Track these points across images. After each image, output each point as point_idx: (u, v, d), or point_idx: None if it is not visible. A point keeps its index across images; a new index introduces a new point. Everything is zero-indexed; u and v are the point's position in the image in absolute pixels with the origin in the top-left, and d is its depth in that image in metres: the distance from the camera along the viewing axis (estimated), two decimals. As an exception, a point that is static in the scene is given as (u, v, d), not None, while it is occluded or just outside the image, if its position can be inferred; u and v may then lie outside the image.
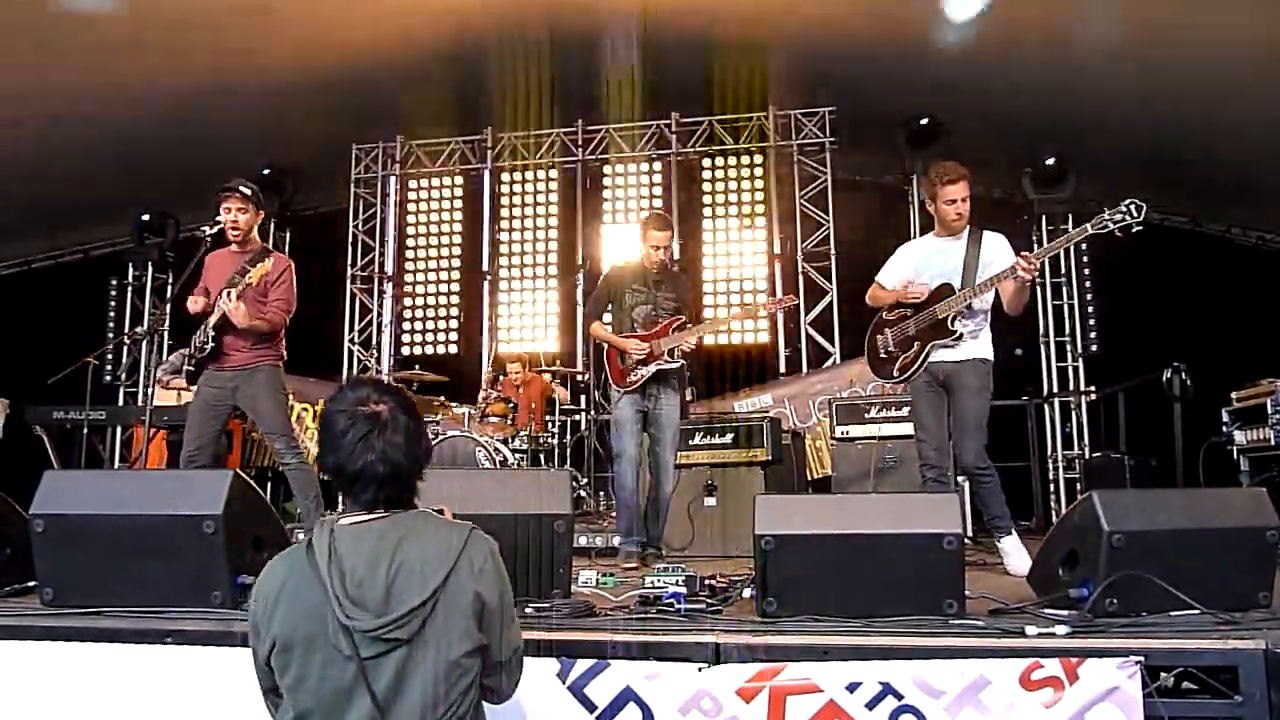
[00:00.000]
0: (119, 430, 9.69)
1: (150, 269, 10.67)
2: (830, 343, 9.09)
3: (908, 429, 6.38)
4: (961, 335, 4.43)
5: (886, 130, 9.15)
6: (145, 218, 10.51)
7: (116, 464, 9.42)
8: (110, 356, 10.26)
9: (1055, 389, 9.24)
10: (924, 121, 8.92)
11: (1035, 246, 9.01)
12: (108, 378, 10.18)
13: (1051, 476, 9.02)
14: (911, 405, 4.76)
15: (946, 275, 4.51)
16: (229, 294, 4.55)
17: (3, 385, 9.38)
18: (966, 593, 3.08)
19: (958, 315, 4.44)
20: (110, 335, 10.44)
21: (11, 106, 8.17)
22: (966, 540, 4.71)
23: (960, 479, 6.11)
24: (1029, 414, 8.54)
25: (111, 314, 10.70)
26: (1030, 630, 2.76)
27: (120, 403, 10.17)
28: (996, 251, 4.48)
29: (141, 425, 7.73)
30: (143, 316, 10.59)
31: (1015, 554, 4.36)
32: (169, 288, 10.49)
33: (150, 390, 10.12)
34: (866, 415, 6.59)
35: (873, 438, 6.54)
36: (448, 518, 2.15)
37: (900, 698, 2.57)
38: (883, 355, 4.75)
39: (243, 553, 3.26)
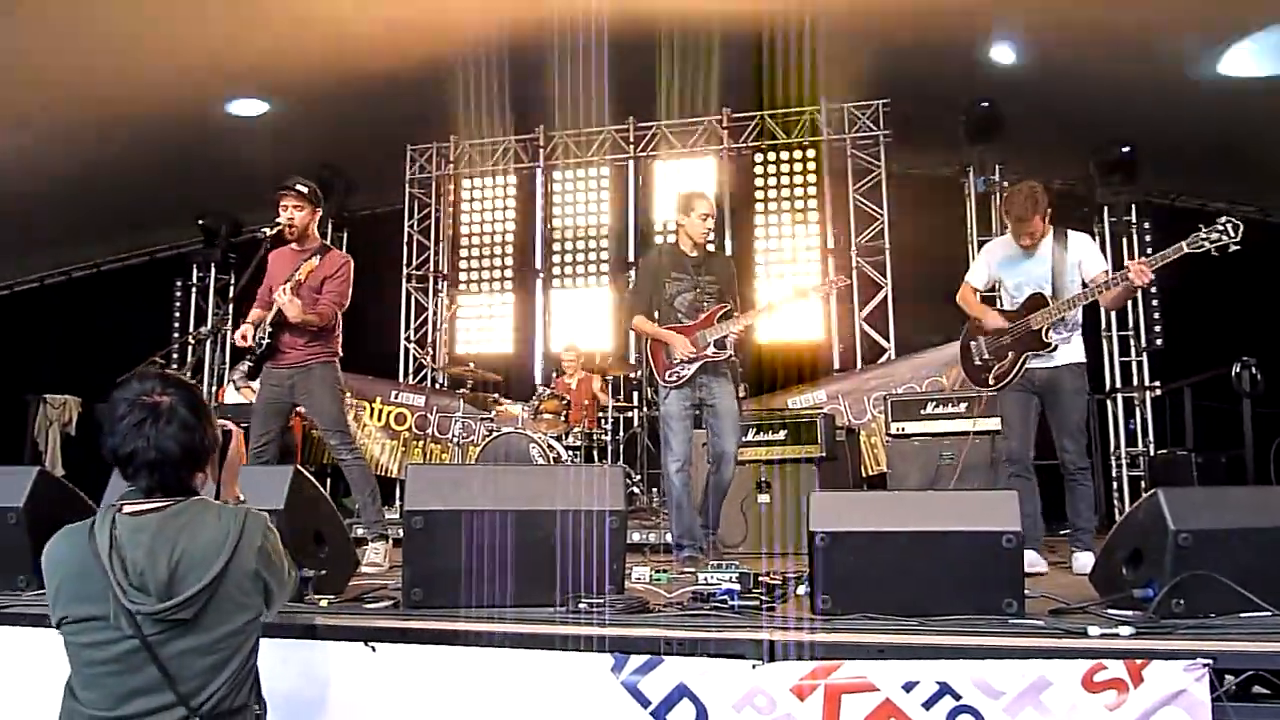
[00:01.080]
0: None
1: (213, 270, 10.93)
2: (885, 338, 8.97)
3: (965, 425, 6.30)
4: (1056, 346, 4.47)
5: (943, 122, 9.01)
6: (208, 220, 10.77)
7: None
8: (176, 355, 10.54)
9: (1118, 384, 9.03)
10: (982, 112, 8.75)
11: (1097, 238, 8.86)
12: (173, 376, 10.45)
13: (1115, 474, 8.83)
14: (999, 401, 4.76)
15: (1035, 282, 4.55)
16: (284, 289, 4.62)
17: (75, 384, 9.71)
18: (1026, 592, 3.03)
19: (1051, 326, 4.46)
20: (176, 335, 10.72)
21: (79, 113, 8.43)
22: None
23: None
24: (1091, 410, 8.34)
25: (177, 314, 10.98)
26: (1093, 631, 2.70)
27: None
28: (1084, 253, 4.52)
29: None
30: (207, 316, 10.85)
31: (1085, 561, 4.29)
32: (231, 288, 10.72)
33: (214, 388, 10.40)
34: (922, 411, 6.50)
35: (929, 434, 6.45)
36: (228, 501, 2.29)
37: (958, 698, 2.53)
38: (977, 363, 4.76)
39: (304, 547, 3.34)
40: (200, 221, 10.75)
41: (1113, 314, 9.03)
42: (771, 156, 9.52)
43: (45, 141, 8.73)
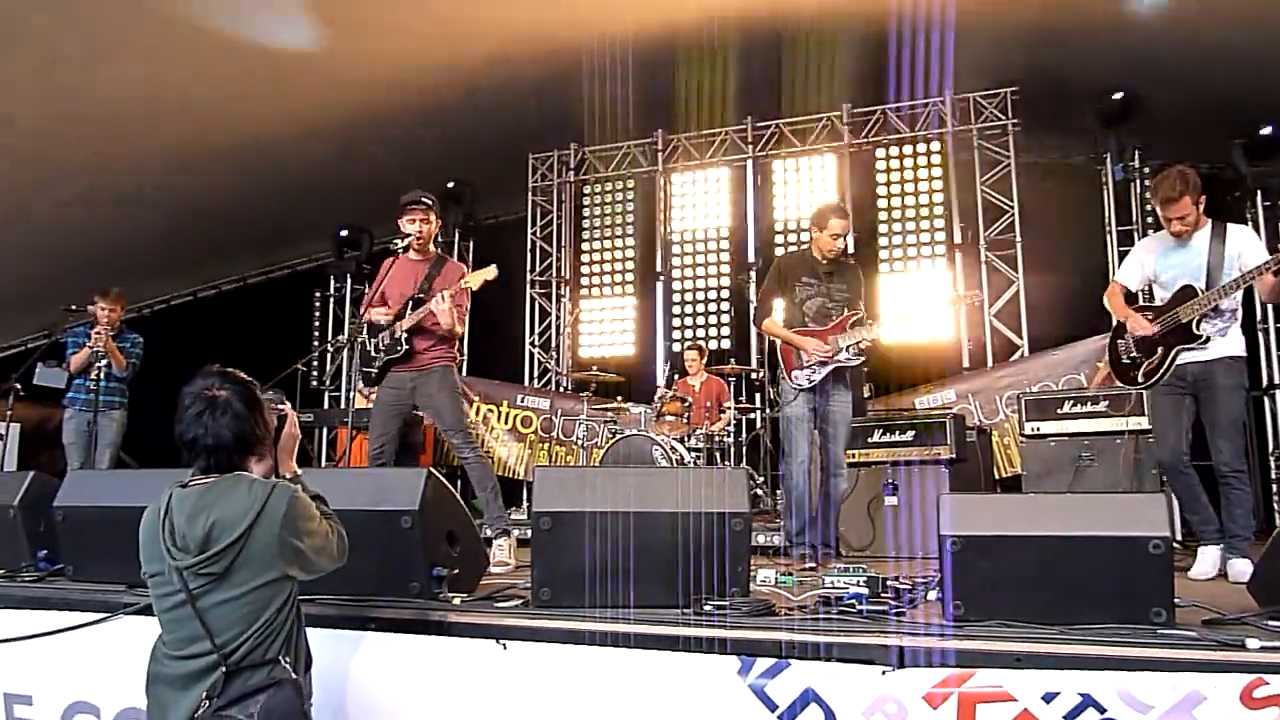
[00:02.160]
0: (325, 431, 10.42)
1: (349, 281, 11.42)
2: (1017, 335, 8.65)
3: (1104, 425, 6.02)
4: (1209, 339, 4.24)
5: (1075, 108, 8.63)
6: (343, 233, 11.26)
7: (323, 463, 10.13)
8: (315, 363, 11.07)
9: (1277, 380, 8.45)
10: (1117, 96, 8.33)
11: (1249, 222, 8.32)
12: (314, 383, 11.00)
13: (1274, 476, 8.26)
14: (1148, 404, 4.55)
15: (1189, 275, 4.32)
16: (443, 295, 4.78)
17: (225, 391, 10.25)
18: (1176, 600, 2.87)
19: (1203, 318, 4.24)
20: (315, 343, 11.24)
21: (228, 139, 8.97)
22: (1175, 544, 4.41)
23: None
24: (1248, 408, 7.83)
25: (316, 323, 11.51)
26: (1252, 643, 2.53)
27: (325, 406, 10.95)
28: (1243, 245, 4.26)
29: (345, 427, 8.29)
30: (343, 325, 11.34)
31: (1243, 568, 4.04)
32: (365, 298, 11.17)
33: (352, 394, 10.86)
34: (1058, 410, 6.23)
35: (1066, 434, 6.18)
36: (284, 476, 2.60)
37: (1102, 711, 2.42)
38: (1125, 361, 4.58)
39: (438, 546, 3.45)
40: (338, 235, 11.24)
41: (1270, 305, 8.46)
42: (895, 151, 9.32)
43: (197, 169, 9.32)
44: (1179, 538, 5.52)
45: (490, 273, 4.89)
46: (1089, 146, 8.88)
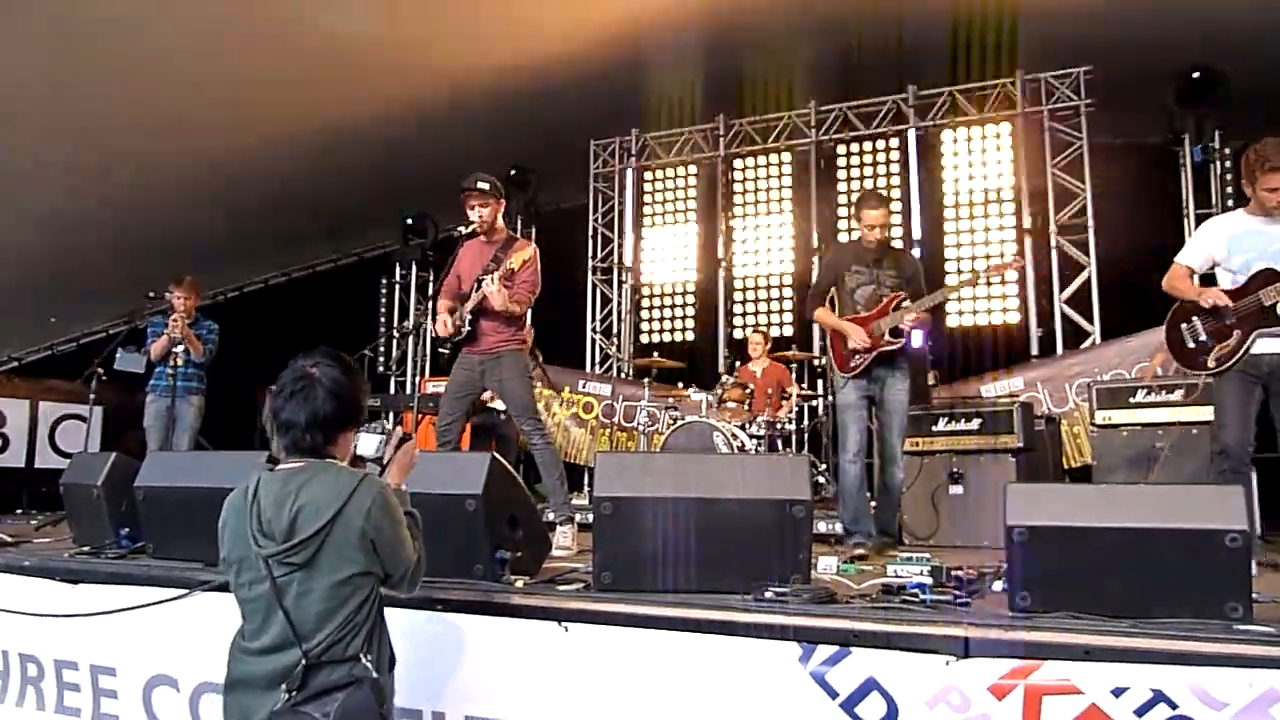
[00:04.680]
0: (392, 415, 10.61)
1: (414, 268, 11.61)
2: (1089, 321, 8.43)
3: (1180, 414, 5.84)
4: None
5: (1151, 87, 8.33)
6: (408, 221, 11.43)
7: (389, 447, 10.30)
8: (382, 349, 11.28)
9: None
10: (1198, 74, 8.03)
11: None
12: (381, 368, 11.21)
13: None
14: (1215, 390, 4.36)
15: (1268, 258, 4.13)
16: (491, 278, 4.83)
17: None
18: (1255, 596, 2.78)
19: None
20: (382, 330, 11.44)
21: (296, 128, 9.15)
22: (1255, 539, 4.26)
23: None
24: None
25: (382, 310, 11.72)
26: (1334, 640, 2.45)
27: (391, 391, 11.16)
28: None
29: (410, 411, 8.44)
30: (409, 311, 11.53)
31: None
32: (430, 284, 11.34)
33: (417, 379, 11.06)
34: (1131, 400, 6.06)
35: (1139, 424, 6.01)
36: (350, 466, 2.46)
37: (1174, 707, 2.36)
38: (1192, 345, 4.36)
39: (500, 529, 3.51)
40: (408, 221, 11.42)
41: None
42: (962, 134, 9.12)
43: (266, 158, 9.54)
44: (1260, 531, 5.35)
45: (526, 251, 4.93)
46: (1165, 127, 8.59)
